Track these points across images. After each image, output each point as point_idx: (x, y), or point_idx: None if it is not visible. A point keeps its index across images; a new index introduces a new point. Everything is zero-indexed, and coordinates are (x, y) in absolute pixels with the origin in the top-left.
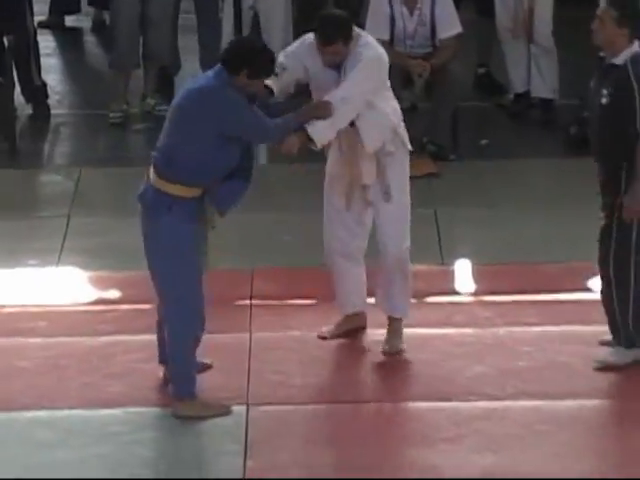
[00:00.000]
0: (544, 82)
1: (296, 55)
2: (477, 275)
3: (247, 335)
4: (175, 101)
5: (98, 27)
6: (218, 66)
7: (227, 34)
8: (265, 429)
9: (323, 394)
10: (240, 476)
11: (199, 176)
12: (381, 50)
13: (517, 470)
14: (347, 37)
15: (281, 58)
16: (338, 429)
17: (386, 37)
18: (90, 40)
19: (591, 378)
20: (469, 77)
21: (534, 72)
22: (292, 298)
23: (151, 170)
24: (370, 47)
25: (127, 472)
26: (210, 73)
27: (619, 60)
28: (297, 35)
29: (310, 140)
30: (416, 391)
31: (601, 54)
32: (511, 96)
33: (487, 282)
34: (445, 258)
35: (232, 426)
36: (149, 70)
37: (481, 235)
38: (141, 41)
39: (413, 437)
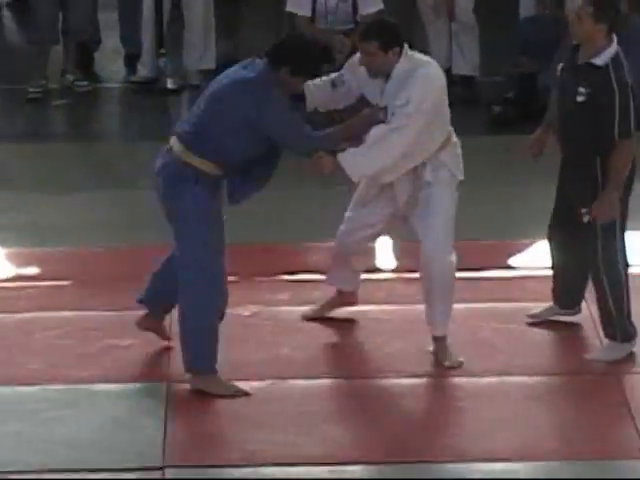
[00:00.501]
0: (465, 59)
1: (352, 65)
2: (399, 252)
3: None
4: (216, 85)
5: (17, 1)
6: (265, 59)
7: (148, 10)
8: (186, 406)
9: (244, 371)
10: (160, 453)
11: (220, 156)
12: (440, 82)
13: (436, 445)
14: (385, 42)
15: (343, 70)
16: (258, 406)
17: (307, 13)
18: (8, 15)
19: (511, 355)
20: None
21: (455, 49)
22: None
23: (175, 142)
24: (429, 79)
25: (45, 450)
26: (258, 66)
27: (600, 61)
28: (218, 13)
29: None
30: (336, 368)
31: (574, 42)
32: None
33: (409, 259)
34: None
35: (152, 403)
36: (69, 45)
37: None
38: (60, 16)
39: (333, 414)
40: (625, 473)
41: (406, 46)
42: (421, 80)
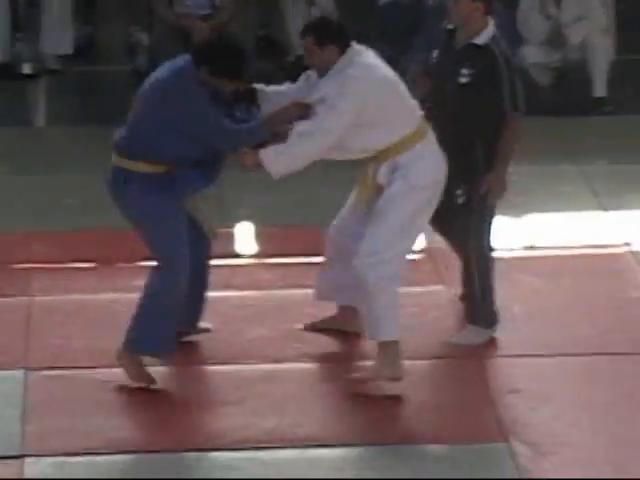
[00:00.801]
0: None
1: None
2: (259, 237)
3: (27, 299)
4: (144, 86)
5: None
6: (188, 56)
7: None
8: (45, 393)
9: (104, 358)
10: (19, 441)
11: (153, 155)
12: (366, 86)
13: (298, 431)
14: (320, 39)
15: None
16: (117, 393)
17: None
18: None
19: (370, 340)
20: (250, 38)
21: None
22: (72, 261)
23: (113, 152)
24: (351, 81)
25: None
26: (179, 62)
27: (480, 40)
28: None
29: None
30: (197, 354)
31: (449, 27)
32: (292, 58)
33: (270, 244)
34: (227, 220)
35: (10, 391)
36: None
37: (262, 196)
38: None
39: (195, 400)
40: (485, 456)
41: (356, 47)
42: (344, 81)
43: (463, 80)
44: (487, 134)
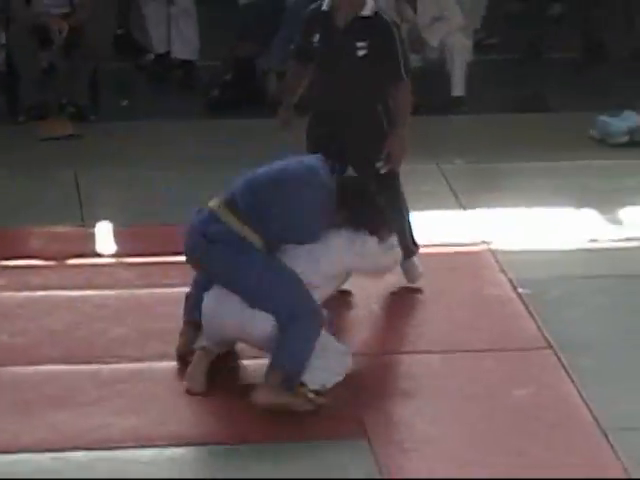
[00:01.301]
0: (184, 43)
1: None
2: (118, 237)
3: None
4: (290, 171)
5: None
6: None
7: None
8: None
9: None
10: None
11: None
12: None
13: (159, 431)
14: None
15: None
16: None
17: None
18: None
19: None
20: (109, 37)
21: (174, 33)
22: None
23: (231, 217)
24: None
25: None
26: (327, 179)
27: (367, 11)
28: None
29: None
30: (56, 354)
31: (324, 8)
32: (152, 57)
33: (128, 244)
34: (86, 219)
35: None
36: None
37: (122, 196)
38: None
39: (54, 400)
40: (346, 453)
41: None
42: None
43: (361, 53)
44: (387, 101)
